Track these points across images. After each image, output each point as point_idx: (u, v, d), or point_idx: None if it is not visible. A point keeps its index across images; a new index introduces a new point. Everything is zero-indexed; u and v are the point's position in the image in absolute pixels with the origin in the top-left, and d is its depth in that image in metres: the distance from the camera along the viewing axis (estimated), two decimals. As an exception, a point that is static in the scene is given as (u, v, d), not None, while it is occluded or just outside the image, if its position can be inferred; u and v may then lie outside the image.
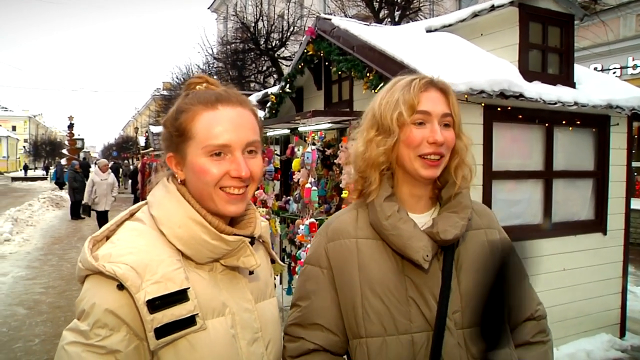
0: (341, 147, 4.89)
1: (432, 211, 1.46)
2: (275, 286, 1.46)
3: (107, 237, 1.19)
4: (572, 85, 5.08)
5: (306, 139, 5.37)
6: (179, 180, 1.24)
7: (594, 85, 5.25)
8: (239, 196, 1.20)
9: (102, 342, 1.05)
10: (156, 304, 1.06)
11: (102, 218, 11.94)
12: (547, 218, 5.03)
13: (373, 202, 1.43)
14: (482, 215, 1.54)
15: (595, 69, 11.37)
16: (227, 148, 1.17)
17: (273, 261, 1.51)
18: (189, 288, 1.11)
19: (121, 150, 49.39)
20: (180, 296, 1.09)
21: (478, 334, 1.37)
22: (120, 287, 1.07)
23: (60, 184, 26.79)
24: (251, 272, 1.29)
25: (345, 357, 1.51)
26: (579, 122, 5.11)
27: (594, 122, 5.28)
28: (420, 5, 14.14)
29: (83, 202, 11.75)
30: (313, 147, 4.83)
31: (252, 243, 1.26)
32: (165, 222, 1.18)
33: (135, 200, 20.89)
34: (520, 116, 4.69)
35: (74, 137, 34.19)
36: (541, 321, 1.58)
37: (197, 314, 1.11)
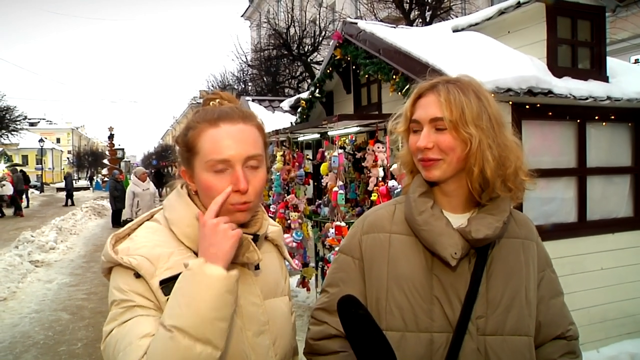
0: (368, 149, 4.89)
1: (471, 213, 1.45)
2: (312, 290, 1.49)
3: (129, 235, 1.31)
4: (605, 79, 4.94)
5: (339, 143, 5.41)
6: (193, 192, 1.34)
7: (629, 79, 5.10)
8: (243, 207, 1.27)
9: (130, 297, 1.18)
10: (169, 286, 1.16)
11: None
12: (582, 216, 4.92)
13: (409, 197, 1.47)
14: (522, 226, 1.52)
15: (637, 60, 11.00)
16: (227, 163, 1.24)
17: (306, 265, 1.57)
18: None
19: (160, 159, 50.46)
20: None
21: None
22: (137, 275, 1.19)
23: (69, 196, 27.07)
24: (257, 267, 1.37)
25: None
26: (613, 117, 4.98)
27: (630, 116, 5.13)
28: (451, 4, 13.97)
29: (124, 217, 10.64)
30: (340, 150, 4.86)
31: (255, 241, 1.32)
32: (175, 223, 1.30)
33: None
34: (551, 113, 4.60)
35: (115, 147, 35.08)
36: (572, 342, 1.53)
37: None
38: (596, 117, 4.89)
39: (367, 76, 6.03)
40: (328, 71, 6.67)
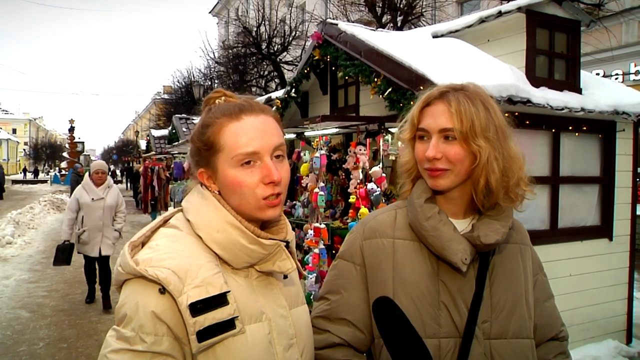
0: (350, 152, 4.88)
1: (471, 218, 1.46)
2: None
3: (143, 244, 1.19)
4: (579, 91, 5.08)
5: (313, 144, 5.38)
6: (214, 193, 1.26)
7: (600, 91, 5.26)
8: (276, 201, 1.22)
9: (150, 348, 1.06)
10: (198, 308, 1.07)
11: (91, 269, 6.80)
12: (554, 223, 5.04)
13: (413, 203, 1.44)
14: (519, 232, 1.54)
15: (598, 74, 11.39)
16: (256, 155, 1.19)
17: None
18: (228, 292, 1.12)
19: (121, 154, 49.36)
20: (220, 300, 1.10)
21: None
22: (162, 291, 1.08)
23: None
24: (285, 277, 1.31)
25: (365, 355, 1.51)
26: (585, 128, 5.12)
27: (600, 128, 5.29)
28: (423, 10, 14.17)
29: (62, 239, 6.70)
30: (322, 152, 4.83)
31: (286, 247, 1.27)
32: (202, 227, 1.19)
33: (137, 204, 20.81)
34: (527, 122, 4.69)
35: (75, 140, 34.10)
36: (564, 342, 1.58)
37: (237, 316, 1.12)
38: (570, 128, 5.02)
39: (345, 78, 6.02)
40: (305, 71, 6.62)
